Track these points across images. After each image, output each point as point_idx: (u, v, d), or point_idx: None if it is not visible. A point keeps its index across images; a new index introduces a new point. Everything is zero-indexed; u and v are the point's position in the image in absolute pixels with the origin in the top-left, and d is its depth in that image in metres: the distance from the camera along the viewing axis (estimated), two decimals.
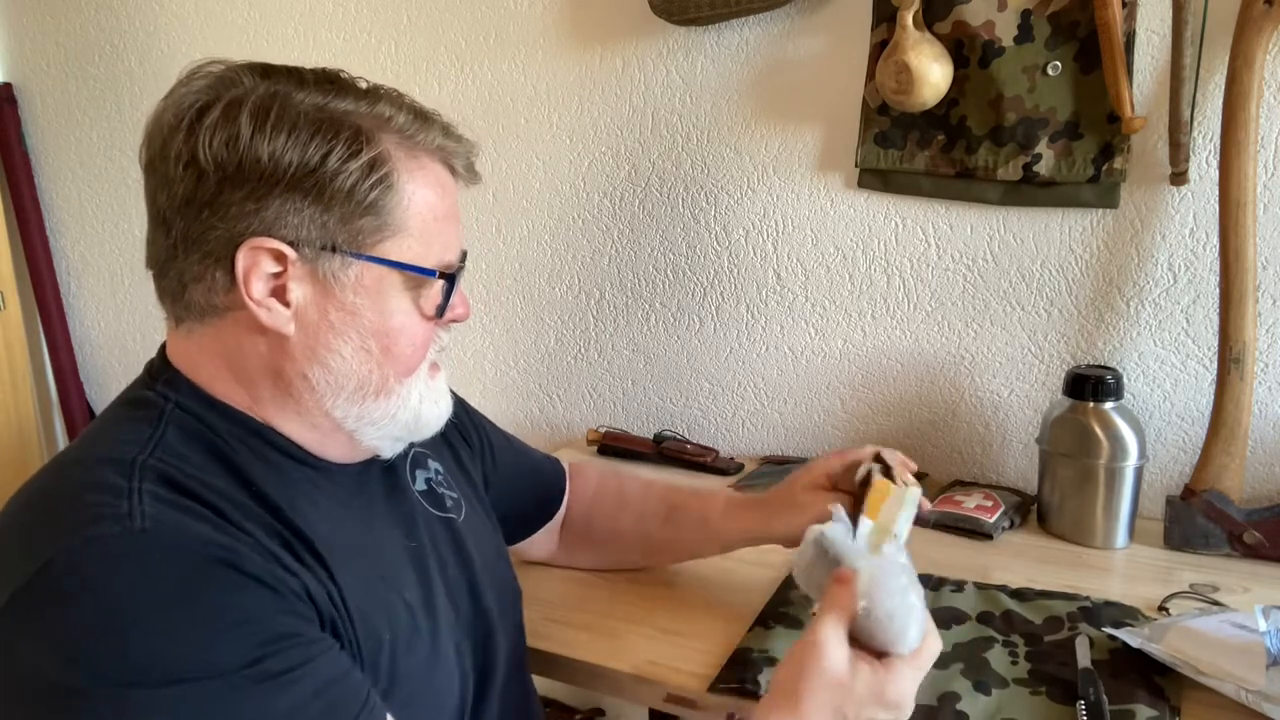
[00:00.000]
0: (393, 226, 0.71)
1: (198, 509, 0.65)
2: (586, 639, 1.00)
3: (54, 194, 2.10)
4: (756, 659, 0.93)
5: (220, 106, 0.68)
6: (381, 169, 0.70)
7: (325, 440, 0.76)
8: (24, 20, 2.03)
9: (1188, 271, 1.25)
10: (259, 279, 0.69)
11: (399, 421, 0.77)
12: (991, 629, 0.98)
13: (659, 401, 1.63)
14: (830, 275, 1.46)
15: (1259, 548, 1.12)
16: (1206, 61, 1.17)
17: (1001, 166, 1.29)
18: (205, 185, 0.68)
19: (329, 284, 0.71)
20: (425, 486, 0.88)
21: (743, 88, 1.45)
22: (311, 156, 0.68)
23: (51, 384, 2.17)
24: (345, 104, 0.70)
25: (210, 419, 0.72)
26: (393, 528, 0.81)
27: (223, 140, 0.67)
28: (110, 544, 0.60)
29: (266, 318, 0.70)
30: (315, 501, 0.74)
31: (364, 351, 0.73)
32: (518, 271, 1.69)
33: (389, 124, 0.72)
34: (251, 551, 0.64)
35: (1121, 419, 1.17)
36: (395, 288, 0.73)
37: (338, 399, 0.73)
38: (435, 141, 0.75)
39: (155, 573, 0.60)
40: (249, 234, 0.68)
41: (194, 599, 0.60)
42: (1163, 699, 0.85)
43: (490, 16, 1.60)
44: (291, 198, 0.68)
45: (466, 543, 0.88)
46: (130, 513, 0.62)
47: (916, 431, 1.45)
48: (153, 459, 0.67)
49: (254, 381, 0.73)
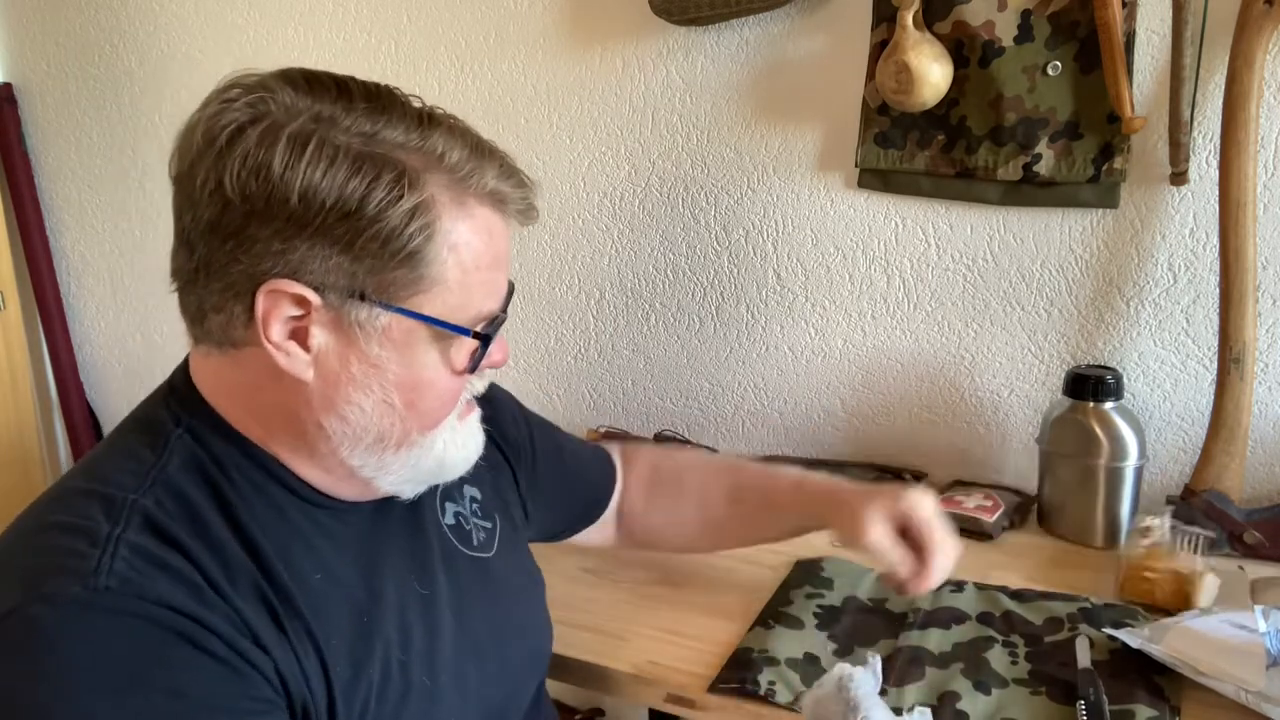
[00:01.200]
0: (429, 279, 0.66)
1: (177, 565, 0.62)
2: (586, 639, 1.00)
3: (54, 194, 2.10)
4: (756, 659, 0.93)
5: (257, 132, 0.62)
6: (423, 217, 0.64)
7: (339, 483, 0.72)
8: (24, 20, 2.03)
9: (1188, 271, 1.25)
10: (278, 321, 0.64)
11: (421, 468, 0.73)
12: (992, 629, 0.99)
13: (659, 401, 1.63)
14: (830, 275, 1.46)
15: (1259, 548, 1.12)
16: (1206, 61, 1.17)
17: (1001, 166, 1.29)
18: (231, 215, 0.63)
19: (353, 333, 0.66)
20: (454, 521, 0.84)
21: (743, 88, 1.45)
22: (349, 199, 0.62)
23: (51, 384, 2.17)
24: (395, 134, 0.64)
25: (218, 450, 0.69)
26: (404, 572, 0.76)
27: (252, 171, 0.61)
28: (66, 605, 0.58)
29: (284, 361, 0.65)
30: (313, 546, 0.70)
31: (385, 405, 0.68)
32: (517, 271, 1.68)
33: (440, 163, 0.65)
34: (223, 623, 0.61)
35: (1121, 419, 1.17)
36: (424, 341, 0.67)
37: (355, 449, 0.69)
38: (489, 185, 0.68)
39: (107, 644, 0.57)
40: (272, 274, 0.63)
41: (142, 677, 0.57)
42: (1163, 699, 0.85)
43: (490, 16, 1.60)
44: (321, 243, 0.63)
45: (497, 581, 0.84)
46: (97, 568, 0.59)
47: (916, 431, 1.45)
48: (147, 498, 0.64)
49: (268, 419, 0.69)
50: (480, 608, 0.81)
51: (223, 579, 0.63)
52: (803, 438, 1.53)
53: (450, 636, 0.77)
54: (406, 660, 0.72)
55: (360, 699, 0.68)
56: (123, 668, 0.57)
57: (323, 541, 0.71)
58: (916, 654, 0.94)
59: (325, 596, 0.69)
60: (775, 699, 0.88)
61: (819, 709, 0.81)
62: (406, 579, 0.76)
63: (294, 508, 0.71)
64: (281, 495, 0.70)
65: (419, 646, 0.74)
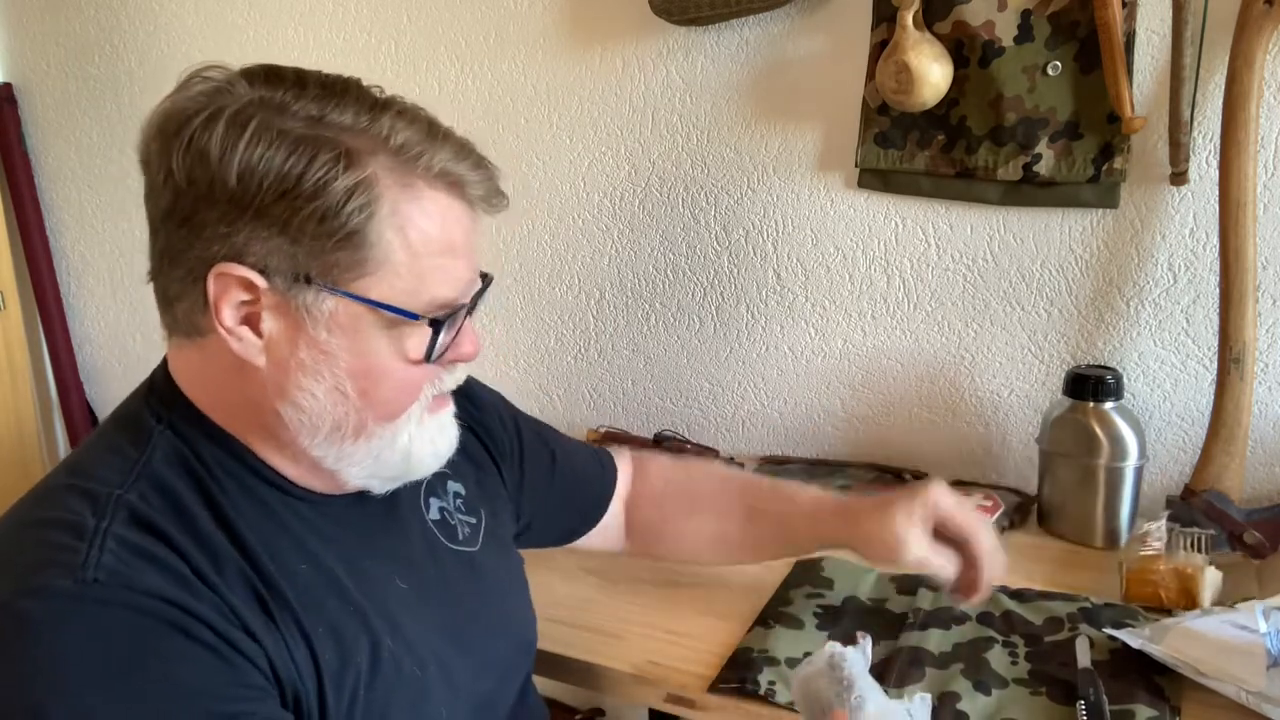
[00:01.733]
0: (374, 261, 0.65)
1: (164, 556, 0.62)
2: (586, 639, 1.00)
3: (54, 194, 2.10)
4: (756, 659, 0.93)
5: (201, 119, 0.63)
6: (362, 196, 0.63)
7: (308, 475, 0.72)
8: (24, 20, 2.03)
9: (1188, 271, 1.25)
10: (230, 305, 0.65)
11: (385, 462, 0.71)
12: (992, 629, 0.98)
13: (659, 401, 1.63)
14: (830, 275, 1.46)
15: (1259, 548, 1.12)
16: (1206, 61, 1.17)
17: (1001, 166, 1.29)
18: (183, 201, 0.64)
19: (301, 318, 0.65)
20: (439, 516, 0.83)
21: (743, 88, 1.45)
22: (285, 178, 0.62)
23: (51, 384, 2.17)
24: (342, 118, 0.64)
25: (199, 445, 0.69)
26: (385, 566, 0.76)
27: (195, 157, 0.63)
28: (55, 597, 0.58)
29: (238, 347, 0.65)
30: (298, 538, 0.70)
31: (338, 393, 0.67)
32: (518, 271, 1.68)
33: (385, 144, 0.65)
34: (212, 613, 0.61)
35: (1121, 419, 1.17)
36: (373, 327, 0.66)
37: (314, 438, 0.68)
38: (440, 165, 0.66)
39: (97, 636, 0.57)
40: (219, 258, 0.64)
41: (135, 668, 0.57)
42: (1163, 699, 0.85)
43: (490, 16, 1.60)
44: (260, 224, 0.63)
45: (483, 575, 0.84)
46: (85, 561, 0.59)
47: (916, 431, 1.45)
48: (132, 493, 0.64)
49: (237, 406, 0.70)
50: (467, 601, 0.81)
51: (210, 570, 0.63)
52: (803, 438, 1.53)
53: (437, 629, 0.77)
54: (395, 650, 0.72)
55: (349, 688, 0.68)
56: (114, 658, 0.57)
57: (306, 533, 0.71)
58: (916, 654, 0.94)
59: (311, 587, 0.68)
60: (775, 699, 0.88)
61: (808, 687, 0.79)
62: (388, 573, 0.75)
63: (276, 500, 0.71)
64: (262, 488, 0.70)
65: (407, 637, 0.73)
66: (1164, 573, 1.00)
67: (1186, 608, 0.99)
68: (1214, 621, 0.90)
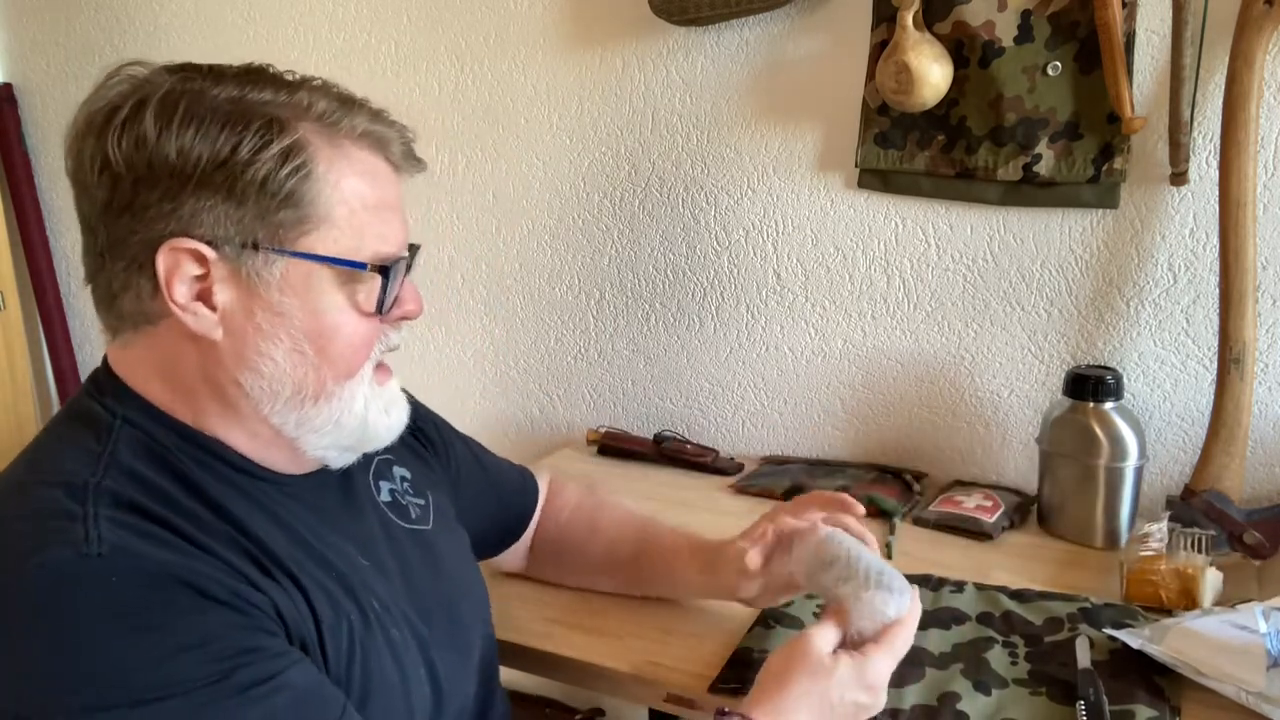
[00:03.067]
0: (315, 218, 0.67)
1: (158, 531, 0.62)
2: (586, 639, 1.00)
3: (54, 194, 2.10)
4: (756, 659, 0.93)
5: (129, 106, 0.65)
6: (298, 158, 0.66)
7: (267, 449, 0.73)
8: (24, 20, 2.03)
9: (1188, 271, 1.25)
10: (182, 282, 0.66)
11: (344, 428, 0.73)
12: (991, 629, 0.98)
13: (659, 401, 1.63)
14: (830, 275, 1.46)
15: (1259, 548, 1.12)
16: (1206, 61, 1.17)
17: (1001, 167, 1.29)
18: (121, 188, 0.65)
19: (253, 284, 0.67)
20: (390, 498, 0.85)
21: (743, 88, 1.45)
22: (221, 149, 0.65)
23: (51, 384, 2.17)
24: (262, 95, 0.67)
25: (158, 434, 0.69)
26: (352, 540, 0.77)
27: (131, 141, 0.65)
28: (64, 569, 0.58)
29: (193, 323, 0.67)
30: (270, 514, 0.71)
31: (297, 354, 0.69)
32: (518, 271, 1.69)
33: (308, 112, 0.68)
34: (215, 572, 0.62)
35: (1121, 419, 1.17)
36: (326, 284, 0.69)
37: (275, 405, 0.70)
38: (360, 127, 0.70)
39: (113, 597, 0.58)
40: (167, 235, 0.65)
41: (153, 621, 0.58)
42: (1163, 699, 0.85)
43: (490, 16, 1.60)
44: (203, 194, 0.65)
45: (438, 553, 0.85)
46: (87, 537, 0.59)
47: (916, 431, 1.45)
48: (106, 480, 0.64)
49: (192, 391, 0.70)
50: (427, 578, 0.82)
51: (203, 537, 0.64)
52: (803, 438, 1.53)
53: (403, 604, 0.78)
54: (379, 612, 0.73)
55: (344, 640, 0.69)
56: (130, 616, 0.58)
57: (276, 509, 0.72)
58: (916, 654, 0.93)
59: (294, 553, 0.70)
60: None
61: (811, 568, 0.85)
62: (350, 551, 0.76)
63: (243, 481, 0.71)
64: (228, 471, 0.71)
65: (375, 610, 0.74)
66: (1164, 573, 1.00)
67: (1187, 608, 0.99)
68: (1214, 622, 0.90)
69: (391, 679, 0.72)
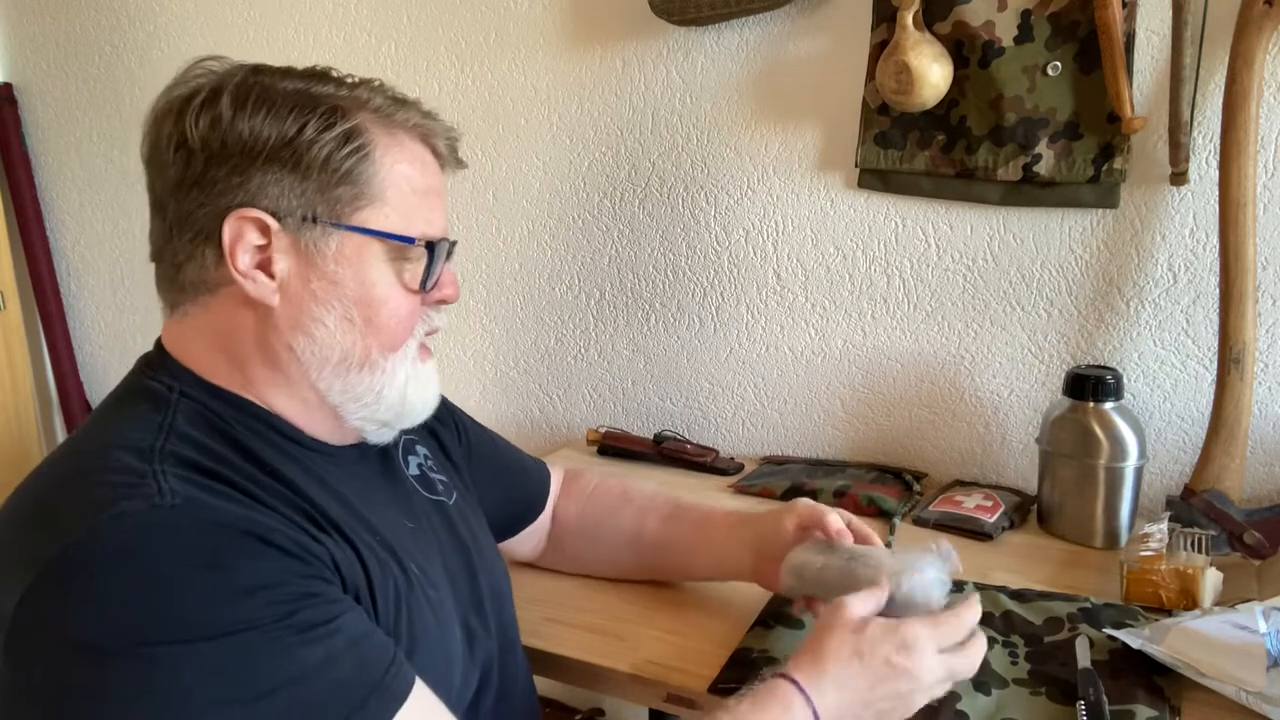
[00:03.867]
0: (370, 195, 0.73)
1: (221, 488, 0.66)
2: (586, 639, 1.00)
3: (54, 194, 2.10)
4: (756, 659, 0.93)
5: (206, 90, 0.72)
6: (357, 140, 0.73)
7: (313, 416, 0.77)
8: (24, 20, 2.03)
9: (1188, 271, 1.25)
10: (244, 251, 0.71)
11: (385, 400, 0.78)
12: (991, 629, 0.98)
13: (659, 401, 1.63)
14: (830, 275, 1.46)
15: (1259, 548, 1.12)
16: (1206, 61, 1.17)
17: (1001, 166, 1.29)
18: (194, 165, 0.71)
19: (311, 254, 0.72)
20: (418, 472, 0.90)
21: (743, 88, 1.45)
22: (288, 129, 0.71)
23: (51, 384, 2.17)
24: (325, 89, 0.74)
25: (214, 405, 0.74)
26: (393, 509, 0.82)
27: (208, 121, 0.71)
28: (139, 518, 0.61)
29: (253, 289, 0.72)
30: (321, 480, 0.75)
31: (347, 321, 0.74)
32: (518, 271, 1.69)
33: (367, 104, 0.75)
34: (277, 524, 0.66)
35: (1121, 419, 1.17)
36: (376, 257, 0.74)
37: (323, 370, 0.75)
38: (413, 120, 0.77)
39: (185, 542, 0.61)
40: (234, 206, 0.71)
41: (224, 564, 0.61)
42: (1163, 699, 0.85)
43: (490, 16, 1.60)
44: (271, 169, 0.71)
45: (459, 526, 0.89)
46: (160, 490, 0.63)
47: (916, 431, 1.45)
48: (169, 444, 0.68)
49: (245, 358, 0.75)
50: (451, 547, 0.87)
51: (264, 496, 0.68)
52: (803, 438, 1.53)
53: (438, 568, 0.82)
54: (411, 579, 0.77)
55: (391, 597, 0.73)
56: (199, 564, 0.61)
57: (327, 475, 0.76)
58: None
59: (345, 516, 0.73)
60: None
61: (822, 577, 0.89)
62: (396, 515, 0.82)
63: (292, 448, 0.76)
64: (277, 438, 0.75)
65: (421, 568, 0.79)
66: (1164, 573, 1.00)
67: (1187, 608, 0.99)
68: (1214, 622, 0.90)
69: (433, 634, 0.76)
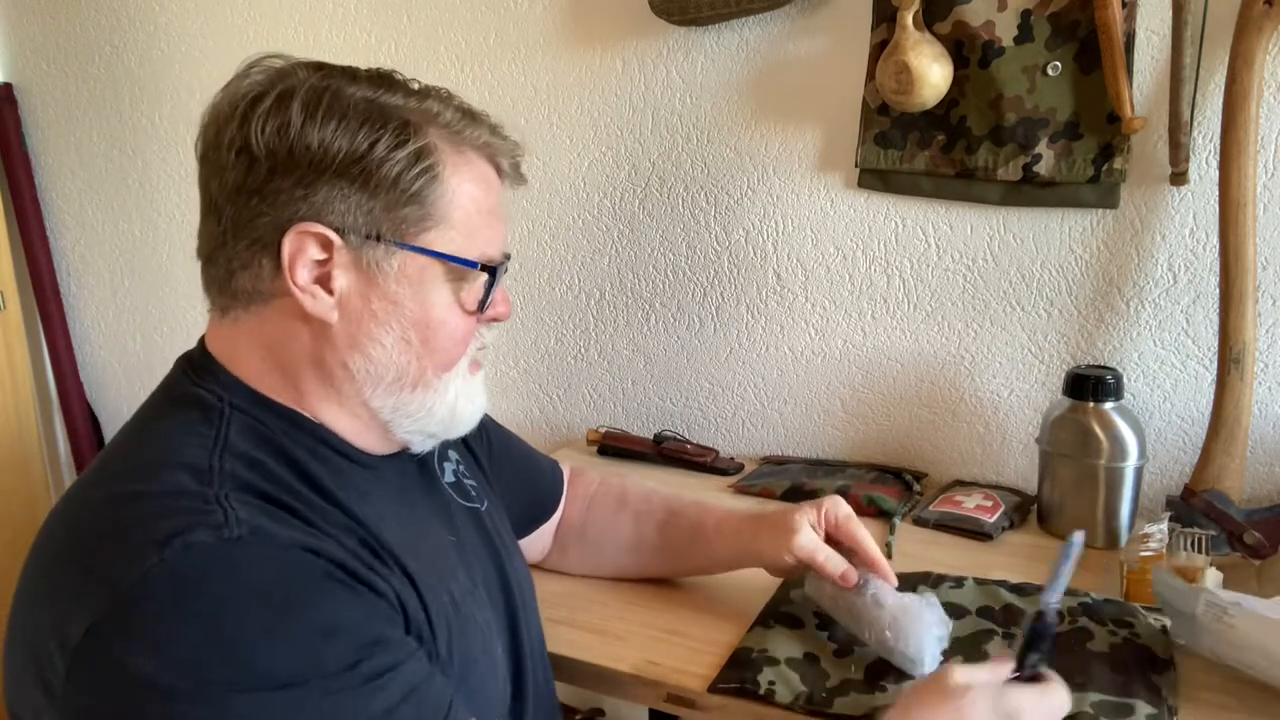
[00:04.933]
0: (436, 217, 0.72)
1: (284, 515, 0.65)
2: (586, 639, 1.00)
3: (54, 194, 2.10)
4: (756, 659, 0.93)
5: (274, 95, 0.69)
6: (427, 159, 0.71)
7: (363, 430, 0.76)
8: (24, 20, 2.03)
9: (1188, 271, 1.25)
10: (304, 265, 0.70)
11: (435, 416, 0.77)
12: (991, 622, 0.98)
13: (659, 401, 1.63)
14: (830, 275, 1.46)
15: (1259, 548, 1.12)
16: (1206, 61, 1.17)
17: (1001, 166, 1.29)
18: (256, 172, 0.69)
19: (372, 273, 0.71)
20: (453, 478, 0.89)
21: (743, 88, 1.45)
22: (359, 144, 0.69)
23: (51, 384, 2.17)
24: (395, 99, 0.72)
25: (266, 418, 0.72)
26: (435, 521, 0.82)
27: (275, 128, 0.68)
28: (209, 550, 0.60)
29: (310, 305, 0.70)
30: (371, 500, 0.74)
31: (404, 342, 0.73)
32: (518, 271, 1.69)
33: (437, 119, 0.73)
34: (344, 555, 0.65)
35: (1121, 419, 1.17)
36: (437, 279, 0.73)
37: (376, 389, 0.74)
38: (482, 138, 0.76)
39: (255, 579, 0.60)
40: (297, 219, 0.69)
41: (294, 605, 0.61)
42: (1160, 699, 0.85)
43: (490, 16, 1.60)
44: (338, 184, 0.69)
45: (492, 532, 0.89)
46: (226, 520, 0.61)
47: (916, 431, 1.45)
48: (227, 465, 0.67)
49: (296, 371, 0.73)
50: (486, 556, 0.87)
51: (323, 523, 0.67)
52: (803, 438, 1.53)
53: (479, 580, 0.82)
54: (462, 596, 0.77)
55: (444, 624, 0.72)
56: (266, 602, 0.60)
57: (375, 494, 0.75)
58: None
59: (399, 539, 0.73)
60: (775, 699, 0.88)
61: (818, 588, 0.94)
62: (439, 527, 0.82)
63: (343, 465, 0.75)
64: (328, 454, 0.74)
65: (464, 585, 0.78)
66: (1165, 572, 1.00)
67: None
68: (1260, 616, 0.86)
69: (481, 663, 0.76)
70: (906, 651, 0.86)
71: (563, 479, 1.11)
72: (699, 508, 1.06)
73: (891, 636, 0.86)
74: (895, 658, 0.87)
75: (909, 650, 0.86)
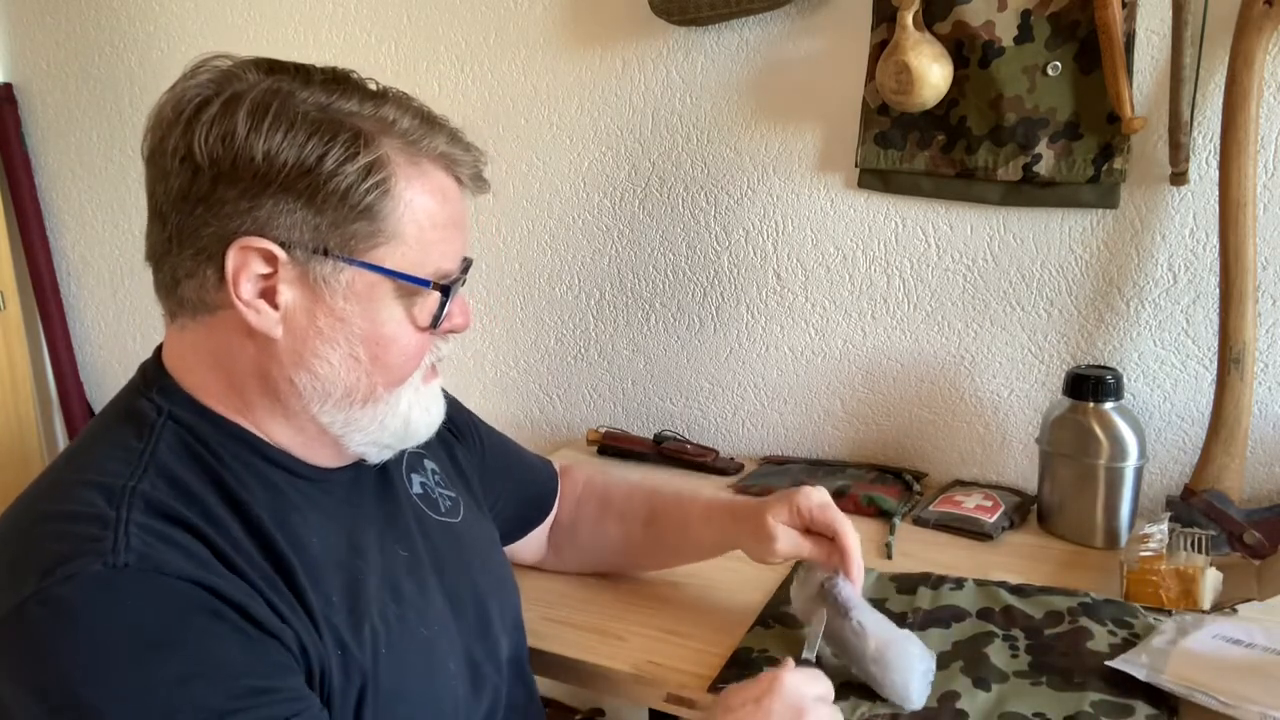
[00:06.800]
0: (387, 233, 0.69)
1: (186, 542, 0.63)
2: (586, 639, 1.00)
3: (54, 194, 2.10)
4: (756, 659, 0.93)
5: (219, 102, 0.66)
6: (379, 174, 0.68)
7: (311, 444, 0.75)
8: (24, 20, 2.03)
9: (1188, 271, 1.25)
10: (248, 279, 0.68)
11: (387, 429, 0.75)
12: (991, 624, 0.98)
13: (659, 401, 1.63)
14: (830, 275, 1.46)
15: (1259, 548, 1.12)
16: (1206, 61, 1.17)
17: (1001, 167, 1.29)
18: (200, 181, 0.67)
19: (319, 288, 0.69)
20: (421, 490, 0.87)
21: (743, 88, 1.45)
22: (307, 157, 0.66)
23: (51, 384, 2.17)
24: (349, 105, 0.68)
25: (203, 431, 0.71)
26: (386, 537, 0.79)
27: (219, 136, 0.66)
28: (90, 581, 0.59)
29: (254, 319, 0.68)
30: (306, 517, 0.72)
31: (352, 359, 0.71)
32: (518, 272, 1.69)
33: (392, 128, 0.70)
34: (238, 594, 0.63)
35: (1121, 419, 1.17)
36: (387, 295, 0.71)
37: (324, 405, 0.72)
38: (439, 148, 0.72)
39: (131, 612, 0.59)
40: (241, 233, 0.67)
41: (165, 643, 0.59)
42: (1161, 699, 0.85)
43: (490, 16, 1.60)
44: (284, 198, 0.66)
45: (466, 545, 0.87)
46: (114, 547, 0.60)
47: (916, 431, 1.45)
48: (144, 483, 0.65)
49: (242, 384, 0.72)
50: (457, 569, 0.84)
51: (230, 550, 0.65)
52: (803, 438, 1.53)
53: (437, 593, 0.80)
54: (402, 613, 0.75)
55: (369, 646, 0.71)
56: (148, 638, 0.59)
57: (311, 510, 0.74)
58: None
59: (322, 561, 0.71)
60: None
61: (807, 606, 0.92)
62: (389, 542, 0.79)
63: (281, 480, 0.73)
64: (267, 468, 0.72)
65: (412, 602, 0.76)
66: (1164, 573, 1.00)
67: (1187, 608, 0.99)
68: (1205, 639, 0.88)
69: (421, 680, 0.74)
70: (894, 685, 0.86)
71: (556, 478, 1.10)
72: (679, 501, 1.05)
73: (878, 672, 0.86)
74: (884, 690, 0.86)
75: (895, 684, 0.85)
